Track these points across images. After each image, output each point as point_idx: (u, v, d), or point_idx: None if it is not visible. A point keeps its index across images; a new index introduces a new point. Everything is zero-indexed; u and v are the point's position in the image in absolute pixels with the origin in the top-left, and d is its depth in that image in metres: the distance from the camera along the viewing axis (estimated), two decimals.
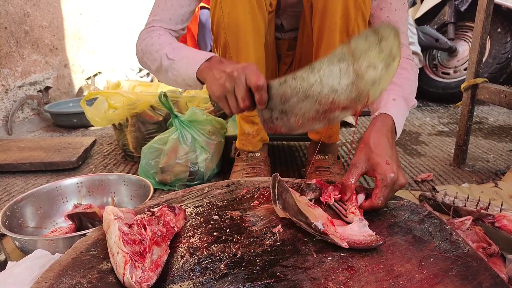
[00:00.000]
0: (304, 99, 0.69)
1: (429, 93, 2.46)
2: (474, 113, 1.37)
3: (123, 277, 0.52)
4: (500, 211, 0.90)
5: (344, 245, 0.59)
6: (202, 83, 0.87)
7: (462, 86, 1.34)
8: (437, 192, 1.08)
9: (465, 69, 2.38)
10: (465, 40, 2.42)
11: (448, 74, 2.45)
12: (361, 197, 0.74)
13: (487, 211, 0.91)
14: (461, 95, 1.37)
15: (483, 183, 1.24)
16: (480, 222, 0.88)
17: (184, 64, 0.89)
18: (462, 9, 2.31)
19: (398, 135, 0.85)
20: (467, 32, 2.41)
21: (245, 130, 1.19)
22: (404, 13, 1.02)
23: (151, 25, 1.02)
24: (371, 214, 0.71)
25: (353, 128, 1.99)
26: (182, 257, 0.61)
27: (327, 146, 1.23)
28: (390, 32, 0.63)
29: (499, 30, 2.23)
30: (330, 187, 0.79)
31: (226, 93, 0.77)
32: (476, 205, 0.94)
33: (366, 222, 0.65)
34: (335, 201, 0.76)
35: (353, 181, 0.74)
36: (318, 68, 0.66)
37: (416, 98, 0.93)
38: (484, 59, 2.06)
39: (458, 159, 1.41)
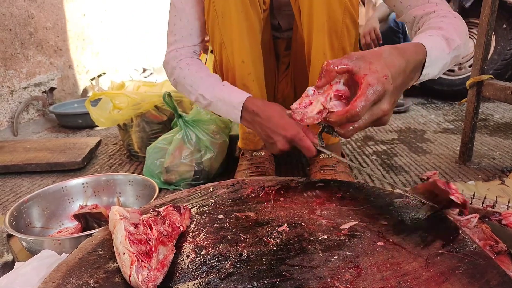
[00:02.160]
0: None
1: (434, 90, 2.45)
2: (480, 110, 1.36)
3: (130, 277, 0.52)
4: (507, 209, 0.90)
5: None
6: None
7: (468, 83, 1.33)
8: None
9: (470, 66, 2.36)
10: (469, 37, 2.40)
11: (453, 71, 2.43)
12: (339, 87, 0.60)
13: (493, 208, 0.91)
14: (466, 92, 1.36)
15: (489, 180, 1.24)
16: (486, 219, 0.88)
17: (223, 107, 0.97)
18: (467, 5, 2.29)
19: (433, 72, 0.70)
20: (471, 28, 2.39)
21: (246, 129, 1.19)
22: None
23: (175, 47, 1.05)
24: (376, 213, 0.71)
25: None
26: (188, 256, 0.61)
27: (329, 145, 1.23)
28: None
29: (504, 26, 2.21)
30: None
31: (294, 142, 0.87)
32: (483, 203, 0.94)
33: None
34: None
35: (335, 67, 0.60)
36: None
37: (420, 95, 0.92)
38: (489, 56, 2.05)
39: (464, 157, 1.40)
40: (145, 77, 3.34)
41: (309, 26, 0.99)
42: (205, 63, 1.60)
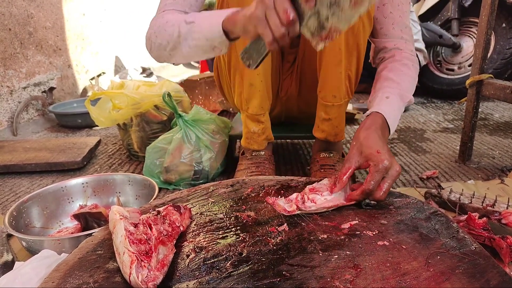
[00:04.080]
0: None
1: (434, 89, 2.45)
2: (479, 110, 1.36)
3: (130, 276, 0.52)
4: (507, 208, 0.90)
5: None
6: (229, 38, 0.82)
7: (467, 82, 1.33)
8: (443, 189, 1.07)
9: (469, 65, 2.36)
10: (469, 36, 2.40)
11: (453, 70, 2.43)
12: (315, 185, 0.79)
13: (493, 208, 0.91)
14: (466, 91, 1.36)
15: (489, 179, 1.24)
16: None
17: (206, 22, 0.84)
18: (466, 4, 2.29)
19: (392, 130, 0.90)
20: (471, 27, 2.39)
21: (250, 129, 1.19)
22: (406, 6, 1.06)
23: (163, 9, 0.97)
24: (376, 213, 0.71)
25: (357, 126, 1.98)
26: (188, 256, 0.61)
27: (332, 144, 1.23)
28: None
29: (503, 25, 2.21)
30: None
31: (266, 10, 0.66)
32: (482, 202, 0.94)
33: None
34: None
35: (345, 178, 0.77)
36: None
37: (420, 94, 0.94)
38: (488, 55, 2.05)
39: (464, 156, 1.40)
40: (145, 76, 3.34)
41: None
42: None
